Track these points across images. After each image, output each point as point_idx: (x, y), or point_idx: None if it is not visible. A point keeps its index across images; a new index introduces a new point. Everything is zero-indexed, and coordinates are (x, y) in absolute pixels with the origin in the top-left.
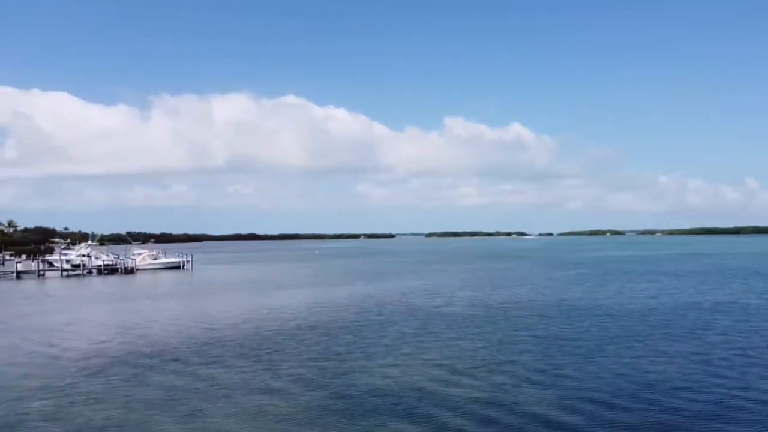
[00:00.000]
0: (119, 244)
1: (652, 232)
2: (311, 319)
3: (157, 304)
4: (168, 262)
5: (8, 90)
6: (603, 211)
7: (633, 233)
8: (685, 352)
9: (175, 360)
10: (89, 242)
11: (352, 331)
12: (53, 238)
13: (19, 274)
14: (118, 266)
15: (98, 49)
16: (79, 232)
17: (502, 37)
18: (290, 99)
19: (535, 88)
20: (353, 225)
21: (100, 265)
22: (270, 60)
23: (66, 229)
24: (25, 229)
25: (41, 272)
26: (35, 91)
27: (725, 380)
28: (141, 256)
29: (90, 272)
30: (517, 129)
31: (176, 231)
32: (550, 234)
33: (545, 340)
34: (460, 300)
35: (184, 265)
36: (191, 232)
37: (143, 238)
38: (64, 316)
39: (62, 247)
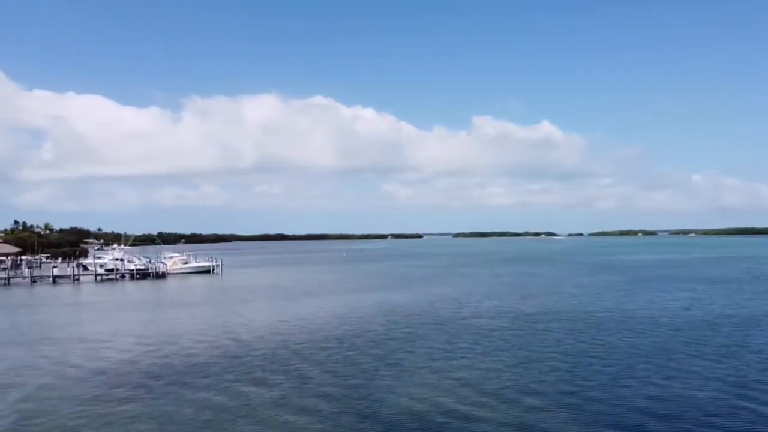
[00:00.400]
0: (150, 245)
1: (685, 232)
2: (338, 331)
3: (186, 313)
4: (198, 267)
5: (45, 93)
6: (634, 210)
7: (666, 233)
8: (719, 374)
9: (204, 376)
10: (122, 244)
11: (380, 345)
12: (87, 238)
13: (55, 279)
14: (149, 271)
15: (131, 53)
16: (112, 232)
17: (532, 36)
18: (318, 99)
19: (565, 86)
20: (381, 225)
21: (133, 270)
22: (298, 61)
23: (99, 229)
24: (61, 230)
25: (76, 277)
26: (70, 94)
27: (760, 407)
28: (172, 260)
29: (123, 277)
30: (546, 127)
31: (206, 231)
32: (581, 234)
33: (574, 357)
34: (487, 311)
35: (213, 270)
36: (220, 232)
37: (174, 239)
38: (96, 326)
39: (96, 248)
